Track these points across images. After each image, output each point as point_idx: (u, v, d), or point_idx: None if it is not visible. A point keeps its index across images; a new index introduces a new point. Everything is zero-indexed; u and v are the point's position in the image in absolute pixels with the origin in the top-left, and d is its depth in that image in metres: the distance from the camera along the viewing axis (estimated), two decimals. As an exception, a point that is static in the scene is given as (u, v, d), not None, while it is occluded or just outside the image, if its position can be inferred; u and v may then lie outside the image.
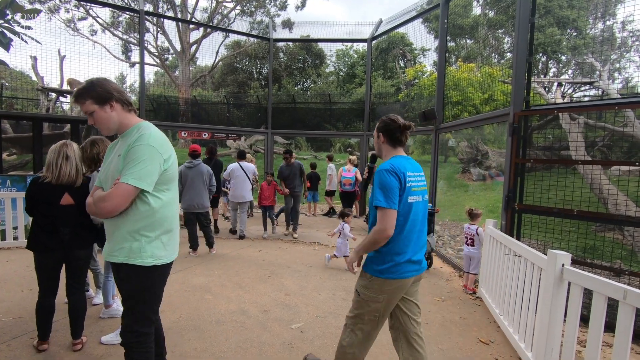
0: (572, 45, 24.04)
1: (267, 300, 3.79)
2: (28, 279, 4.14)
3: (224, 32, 15.55)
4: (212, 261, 5.16)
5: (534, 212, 4.04)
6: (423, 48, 24.45)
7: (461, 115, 13.32)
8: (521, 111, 4.07)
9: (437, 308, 3.85)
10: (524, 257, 3.03)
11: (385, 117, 2.12)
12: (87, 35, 20.01)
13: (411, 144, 20.34)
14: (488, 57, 14.83)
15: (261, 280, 4.42)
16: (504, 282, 3.48)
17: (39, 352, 2.64)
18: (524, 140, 4.15)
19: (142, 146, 1.70)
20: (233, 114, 13.15)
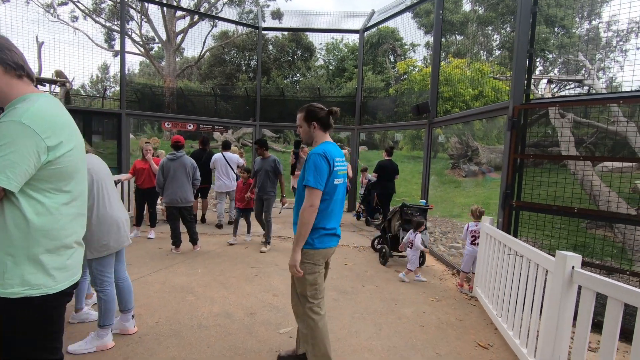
0: (560, 43, 24.28)
1: (254, 302, 3.55)
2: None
3: (211, 21, 15.08)
4: (196, 259, 4.89)
5: (532, 210, 3.91)
6: (413, 43, 24.35)
7: (452, 110, 13.26)
8: (521, 104, 3.91)
9: (432, 309, 3.68)
10: (526, 258, 2.88)
11: (313, 106, 2.30)
12: (68, 22, 19.18)
13: (401, 139, 20.26)
14: (477, 53, 14.80)
15: (247, 279, 4.18)
16: (502, 282, 3.33)
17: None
18: (523, 135, 4.00)
19: (7, 124, 1.21)
20: (220, 107, 12.76)
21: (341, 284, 4.21)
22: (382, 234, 5.46)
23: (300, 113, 2.30)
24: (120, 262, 2.75)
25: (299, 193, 2.25)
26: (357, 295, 3.90)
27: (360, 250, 5.79)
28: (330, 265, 4.82)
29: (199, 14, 15.90)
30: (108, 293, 2.53)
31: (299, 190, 2.25)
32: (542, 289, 2.60)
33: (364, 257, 5.43)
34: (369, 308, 3.60)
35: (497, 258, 3.57)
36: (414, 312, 3.58)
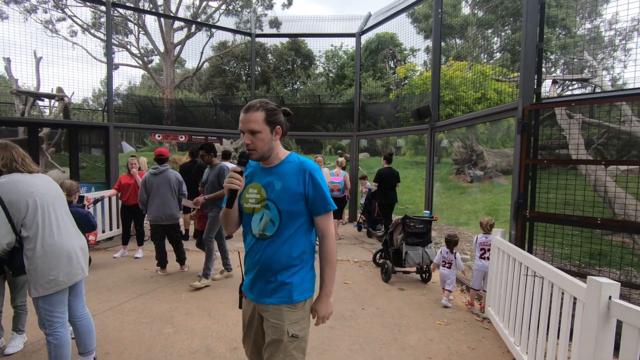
0: (562, 43, 23.94)
1: (238, 333, 3.16)
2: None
3: (208, 31, 14.92)
4: (182, 281, 4.52)
5: (548, 221, 3.51)
6: (413, 48, 24.11)
7: (454, 114, 12.90)
8: (531, 104, 3.54)
9: (440, 335, 3.28)
10: (548, 280, 2.48)
11: (274, 104, 1.61)
12: (66, 37, 19.16)
13: (403, 145, 19.89)
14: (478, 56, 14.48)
15: (234, 305, 3.79)
16: (519, 305, 2.92)
17: None
18: (535, 138, 3.62)
19: None
20: (220, 117, 12.52)
21: (338, 307, 3.81)
22: (384, 248, 5.07)
23: (257, 112, 1.52)
24: (76, 297, 2.38)
25: (284, 222, 1.55)
26: (357, 321, 3.50)
27: (360, 266, 5.39)
28: (328, 285, 4.46)
29: (195, 24, 15.77)
30: (59, 336, 2.16)
31: (285, 219, 1.55)
32: (571, 317, 2.21)
33: (364, 273, 5.03)
34: (369, 336, 3.20)
35: (511, 276, 3.18)
36: (420, 339, 3.18)
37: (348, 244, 6.66)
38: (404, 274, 5.00)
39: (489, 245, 3.86)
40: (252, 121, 1.52)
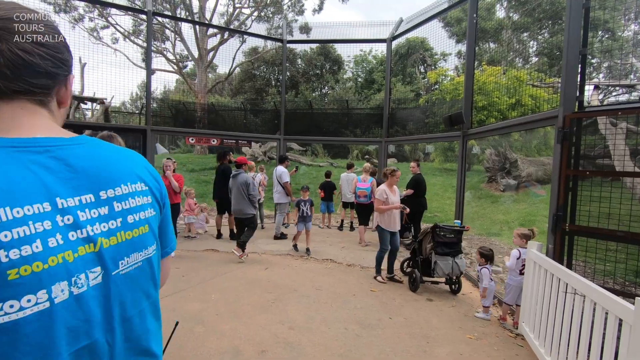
0: (604, 47, 22.73)
1: (267, 336, 3.21)
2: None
3: (240, 37, 15.33)
4: (212, 281, 4.64)
5: (590, 235, 3.33)
6: (444, 53, 23.69)
7: (487, 120, 12.51)
8: (573, 113, 3.39)
9: (471, 350, 3.17)
10: (589, 299, 2.35)
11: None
12: (109, 44, 20.26)
13: (432, 151, 19.51)
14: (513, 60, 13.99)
15: (263, 308, 3.84)
16: (558, 324, 2.79)
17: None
18: (577, 148, 3.45)
19: None
20: (250, 120, 12.81)
21: (365, 315, 3.78)
22: (412, 257, 4.98)
23: None
24: None
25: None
26: (383, 330, 3.46)
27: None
28: (354, 292, 4.43)
29: (229, 30, 16.23)
30: None
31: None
32: (615, 339, 2.08)
33: (392, 282, 4.96)
34: (397, 347, 3.15)
35: (548, 292, 3.03)
36: (450, 354, 3.09)
37: (375, 251, 6.58)
38: (432, 284, 4.89)
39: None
40: None
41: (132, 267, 0.73)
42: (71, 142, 0.69)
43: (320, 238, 7.32)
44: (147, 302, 0.78)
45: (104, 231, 0.68)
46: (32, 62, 0.64)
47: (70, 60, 0.72)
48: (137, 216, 0.74)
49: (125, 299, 0.71)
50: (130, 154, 0.80)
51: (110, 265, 0.68)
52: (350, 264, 5.72)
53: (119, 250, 0.70)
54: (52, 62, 0.67)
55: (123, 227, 0.71)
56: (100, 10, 18.66)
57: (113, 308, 0.69)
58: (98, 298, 0.66)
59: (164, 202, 0.86)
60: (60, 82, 0.71)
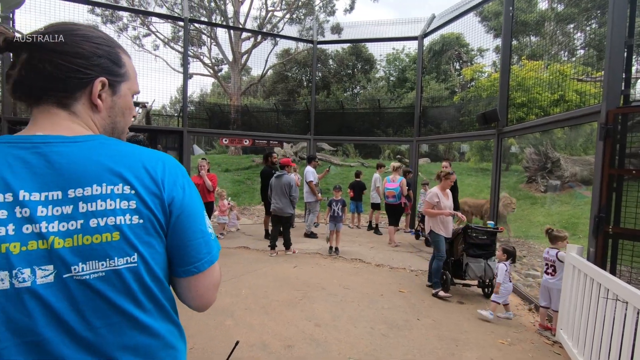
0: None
1: (293, 332, 3.27)
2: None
3: (272, 40, 15.63)
4: (243, 277, 4.79)
5: (636, 239, 3.10)
6: (480, 48, 22.76)
7: (526, 118, 11.92)
8: (617, 108, 3.17)
9: (502, 356, 3.06)
10: (633, 305, 2.21)
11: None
12: (150, 50, 21.36)
13: (467, 150, 18.86)
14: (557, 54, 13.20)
15: (290, 304, 3.92)
16: (598, 331, 2.63)
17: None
18: (621, 146, 3.23)
19: None
20: (282, 121, 13.05)
21: (392, 315, 3.75)
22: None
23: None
24: None
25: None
26: (411, 331, 3.41)
27: (417, 275, 5.24)
28: (382, 292, 4.40)
29: (261, 34, 16.62)
30: None
31: None
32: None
33: (421, 282, 4.88)
34: (424, 348, 3.10)
35: (588, 299, 2.87)
36: (480, 358, 3.01)
37: (404, 252, 6.50)
38: (463, 287, 4.76)
39: (552, 261, 3.59)
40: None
41: (91, 276, 0.67)
42: (65, 140, 0.71)
43: (350, 238, 7.33)
44: (122, 318, 0.70)
45: (61, 230, 0.66)
46: (46, 72, 0.72)
47: (90, 68, 0.75)
48: (102, 221, 0.68)
49: (84, 307, 0.67)
50: (132, 153, 0.75)
51: (61, 267, 0.66)
52: (379, 264, 5.68)
53: (73, 253, 0.66)
54: (64, 69, 0.73)
55: (82, 231, 0.67)
56: (142, 19, 19.70)
57: (65, 312, 0.66)
58: (47, 298, 0.65)
59: (175, 211, 0.75)
60: (81, 87, 0.75)
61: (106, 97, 0.79)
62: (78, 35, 0.75)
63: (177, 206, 0.75)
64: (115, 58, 0.80)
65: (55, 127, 0.73)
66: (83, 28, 0.77)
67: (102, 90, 0.78)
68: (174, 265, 0.78)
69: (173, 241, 0.76)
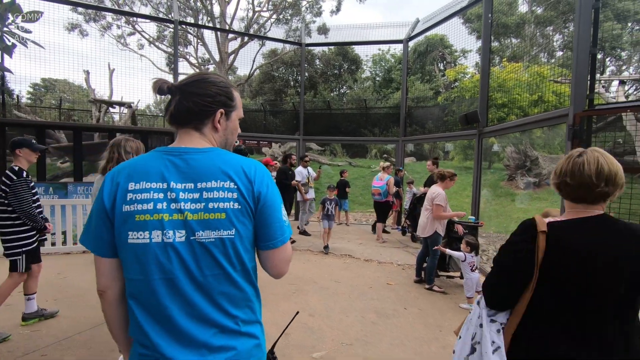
0: (635, 40, 21.88)
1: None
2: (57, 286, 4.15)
3: (259, 40, 15.74)
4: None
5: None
6: (464, 50, 23.39)
7: (507, 118, 12.39)
8: (583, 111, 3.49)
9: (482, 339, 3.34)
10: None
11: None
12: (135, 50, 21.14)
13: (451, 149, 19.38)
14: (536, 56, 13.72)
15: (285, 297, 4.13)
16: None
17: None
18: (587, 146, 3.55)
19: None
20: (270, 121, 13.18)
21: (381, 305, 3.99)
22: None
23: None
24: None
25: None
26: (399, 319, 3.66)
27: (404, 269, 5.50)
28: (371, 285, 4.65)
29: (248, 35, 16.70)
30: None
31: None
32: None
33: (407, 276, 5.15)
34: (411, 334, 3.35)
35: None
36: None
37: (392, 247, 6.78)
38: (447, 278, 5.05)
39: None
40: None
41: (206, 240, 0.99)
42: (197, 150, 1.06)
43: (339, 235, 7.56)
44: (221, 271, 1.01)
45: (191, 209, 1.00)
46: (187, 108, 1.08)
47: (214, 103, 1.10)
48: (216, 204, 0.99)
49: (200, 260, 0.99)
50: (235, 160, 1.07)
51: (190, 232, 0.99)
52: (368, 259, 5.93)
53: (198, 224, 0.99)
54: (199, 105, 1.08)
55: (204, 210, 0.99)
56: (127, 18, 19.49)
57: (190, 262, 0.99)
58: (180, 251, 0.99)
59: (260, 201, 1.04)
60: (208, 116, 1.10)
61: (222, 122, 1.14)
62: (207, 82, 1.10)
63: (262, 198, 1.04)
64: (229, 95, 1.14)
65: (192, 142, 1.10)
66: (212, 76, 1.13)
67: (220, 117, 1.12)
68: (258, 241, 1.07)
69: (258, 222, 1.05)
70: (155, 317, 1.00)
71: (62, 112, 18.16)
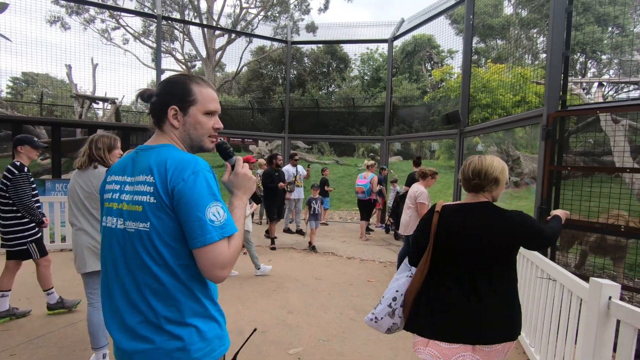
0: (615, 43, 22.48)
1: (267, 318, 3.49)
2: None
3: (246, 37, 15.61)
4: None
5: (572, 227, 3.53)
6: (451, 50, 23.62)
7: (490, 118, 12.60)
8: (556, 112, 3.59)
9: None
10: (559, 282, 2.57)
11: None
12: (119, 44, 20.73)
13: (437, 149, 19.62)
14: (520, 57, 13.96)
15: (265, 294, 4.13)
16: (535, 309, 3.01)
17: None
18: (560, 145, 3.65)
19: None
20: (257, 119, 13.09)
21: (361, 302, 4.04)
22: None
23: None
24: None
25: None
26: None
27: (385, 266, 5.56)
28: (352, 282, 4.69)
29: (235, 33, 16.57)
30: (87, 312, 2.56)
31: None
32: (577, 318, 2.30)
33: (389, 273, 5.20)
34: (388, 330, 3.40)
35: (529, 281, 3.25)
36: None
37: (375, 245, 6.84)
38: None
39: None
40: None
41: (130, 230, 1.07)
42: (148, 147, 1.15)
43: (323, 233, 7.59)
44: (142, 262, 1.05)
45: (127, 200, 1.10)
46: (150, 109, 1.18)
47: (166, 102, 1.14)
48: (138, 197, 1.07)
49: (127, 248, 1.08)
50: (166, 155, 1.09)
51: (124, 221, 1.09)
52: (350, 256, 5.97)
53: (128, 214, 1.08)
54: (153, 107, 1.17)
55: (132, 202, 1.08)
56: (110, 12, 19.10)
57: (124, 248, 1.09)
58: (119, 237, 1.10)
59: (175, 196, 1.02)
60: (164, 114, 1.15)
61: (180, 118, 1.15)
62: (165, 82, 1.18)
63: (177, 193, 1.03)
64: (186, 91, 1.15)
65: (154, 140, 1.18)
66: (175, 76, 1.19)
67: (175, 114, 1.14)
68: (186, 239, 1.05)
69: (179, 219, 1.04)
70: (105, 295, 1.15)
71: (43, 107, 17.71)
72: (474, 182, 1.71)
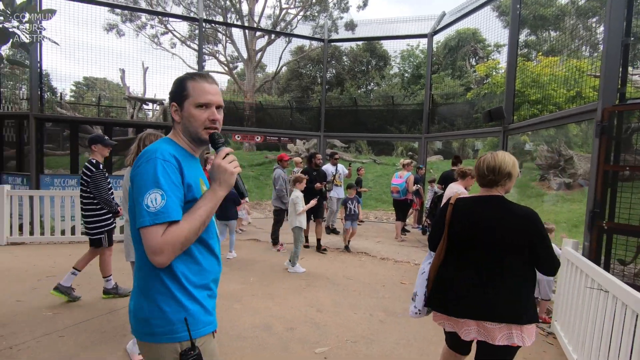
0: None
1: (296, 316, 3.49)
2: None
3: (285, 37, 15.83)
4: (252, 267, 5.04)
5: (630, 234, 3.19)
6: (498, 44, 22.40)
7: (541, 114, 11.77)
8: (613, 106, 3.25)
9: (494, 343, 3.20)
10: (611, 294, 2.32)
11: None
12: (167, 48, 21.86)
13: (480, 148, 18.68)
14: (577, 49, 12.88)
15: (295, 291, 4.14)
16: (584, 321, 2.74)
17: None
18: (617, 143, 3.31)
19: None
20: (295, 118, 13.26)
21: (392, 304, 3.92)
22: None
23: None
24: None
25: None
26: (407, 319, 3.58)
27: (421, 268, 5.37)
28: (384, 283, 4.57)
29: (274, 33, 16.86)
30: None
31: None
32: (633, 335, 2.06)
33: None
34: (418, 334, 3.27)
35: (579, 290, 2.97)
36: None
37: (410, 247, 6.64)
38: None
39: None
40: (219, 94, 1.28)
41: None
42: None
43: (357, 232, 7.47)
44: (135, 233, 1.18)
45: None
46: None
47: (170, 100, 1.27)
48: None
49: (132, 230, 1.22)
50: (149, 146, 1.21)
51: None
52: (384, 257, 5.84)
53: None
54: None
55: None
56: (160, 18, 20.18)
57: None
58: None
59: (131, 182, 1.16)
60: (169, 112, 1.28)
61: (179, 113, 1.25)
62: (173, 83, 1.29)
63: (132, 178, 1.16)
64: (181, 87, 1.24)
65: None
66: (178, 77, 1.28)
67: (175, 110, 1.26)
68: None
69: None
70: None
71: (100, 109, 19.15)
72: (489, 178, 1.84)
